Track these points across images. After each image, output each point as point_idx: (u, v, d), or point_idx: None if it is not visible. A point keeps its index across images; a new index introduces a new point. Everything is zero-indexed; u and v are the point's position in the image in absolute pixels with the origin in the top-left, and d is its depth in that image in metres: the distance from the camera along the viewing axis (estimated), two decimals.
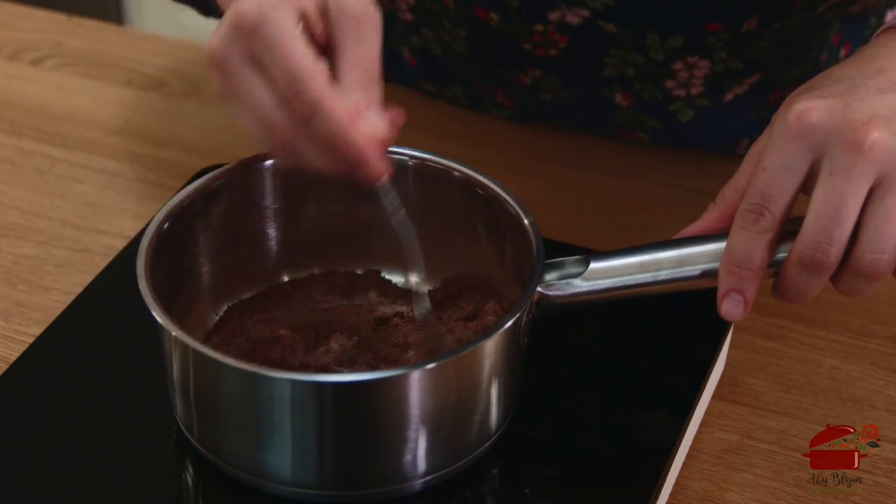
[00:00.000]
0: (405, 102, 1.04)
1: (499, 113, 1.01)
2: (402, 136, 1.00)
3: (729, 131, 0.98)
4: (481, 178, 0.74)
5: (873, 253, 0.65)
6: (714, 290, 0.79)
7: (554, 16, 0.88)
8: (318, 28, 0.66)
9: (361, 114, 0.65)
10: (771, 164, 0.65)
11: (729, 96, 0.93)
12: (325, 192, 0.77)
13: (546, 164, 0.98)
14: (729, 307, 0.67)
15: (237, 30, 0.65)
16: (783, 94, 0.93)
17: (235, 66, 0.65)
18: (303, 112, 0.64)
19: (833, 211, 0.64)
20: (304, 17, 0.65)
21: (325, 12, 0.66)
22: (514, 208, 0.72)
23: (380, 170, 0.66)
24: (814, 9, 0.89)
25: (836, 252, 0.65)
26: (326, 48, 0.66)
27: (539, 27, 0.89)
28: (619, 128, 0.98)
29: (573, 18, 0.88)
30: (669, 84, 0.92)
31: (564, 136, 1.01)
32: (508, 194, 0.73)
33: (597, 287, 0.70)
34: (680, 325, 0.80)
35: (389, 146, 0.67)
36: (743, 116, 0.96)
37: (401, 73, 1.02)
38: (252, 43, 0.64)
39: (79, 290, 0.82)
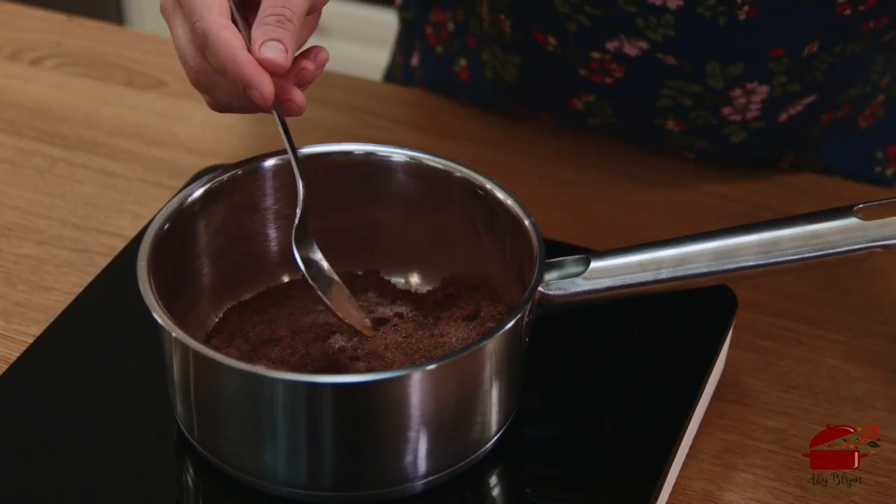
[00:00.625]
0: (408, 102, 1.05)
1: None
2: (403, 136, 1.01)
3: (776, 148, 0.97)
4: (481, 179, 0.74)
5: None
6: (714, 290, 0.79)
7: (612, 45, 0.88)
8: None
9: (257, 43, 0.68)
10: None
11: (783, 117, 0.93)
12: (326, 192, 0.77)
13: (546, 164, 0.98)
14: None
15: None
16: (836, 114, 0.93)
17: (168, 10, 0.71)
18: (198, 43, 0.68)
19: None
20: None
21: None
22: (514, 209, 0.72)
23: (267, 91, 0.68)
24: (880, 37, 0.89)
25: None
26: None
27: (596, 55, 0.89)
28: (666, 148, 0.97)
29: (631, 50, 0.87)
30: (726, 111, 0.91)
31: (565, 137, 1.01)
32: (509, 195, 0.73)
33: (597, 287, 0.70)
34: (680, 325, 0.80)
35: (304, 81, 0.71)
36: (793, 135, 0.95)
37: (450, 83, 1.03)
38: None
39: (79, 290, 0.82)
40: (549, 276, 0.70)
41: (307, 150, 0.76)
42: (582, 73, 0.91)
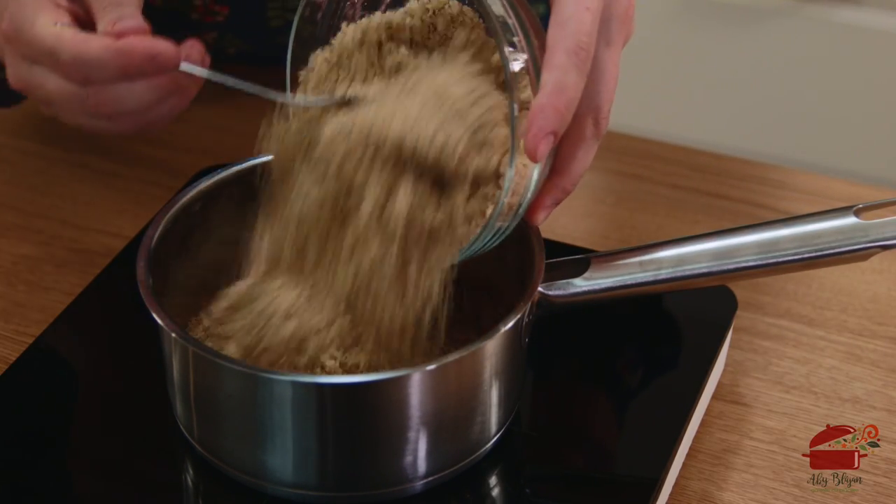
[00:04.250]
0: None
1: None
2: None
3: None
4: None
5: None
6: (714, 290, 0.79)
7: None
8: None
9: (116, 25, 0.70)
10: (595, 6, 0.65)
11: None
12: None
13: None
14: (545, 147, 0.64)
15: (8, 45, 0.73)
16: None
17: (25, 76, 0.73)
18: (75, 72, 0.70)
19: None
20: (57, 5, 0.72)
21: None
22: None
23: (170, 46, 0.70)
24: None
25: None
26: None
27: (198, 1, 0.93)
28: None
29: None
30: None
31: None
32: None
33: (597, 287, 0.70)
34: (680, 325, 0.80)
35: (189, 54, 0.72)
36: None
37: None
38: (21, 49, 0.71)
39: (79, 290, 0.82)
40: (549, 277, 0.70)
41: None
42: (194, 17, 0.95)
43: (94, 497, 0.69)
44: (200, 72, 0.71)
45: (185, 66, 0.71)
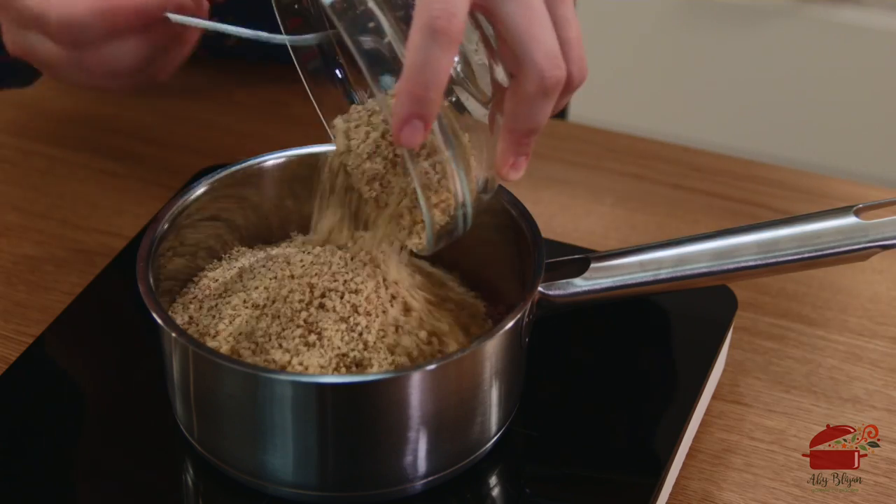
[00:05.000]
0: None
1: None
2: None
3: None
4: None
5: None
6: (714, 290, 0.79)
7: None
8: None
9: None
10: None
11: None
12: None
13: (546, 164, 0.98)
14: (409, 135, 0.60)
15: (1, 12, 0.73)
16: None
17: (21, 42, 0.73)
18: (64, 35, 0.70)
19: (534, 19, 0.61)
20: None
21: None
22: (514, 209, 0.72)
23: (152, 5, 0.69)
24: None
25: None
26: None
27: None
28: None
29: None
30: None
31: (564, 137, 1.01)
32: (508, 195, 0.73)
33: (597, 287, 0.70)
34: (680, 325, 0.80)
35: None
36: None
37: None
38: (11, 15, 0.72)
39: (79, 290, 0.82)
40: (549, 277, 0.70)
41: (307, 150, 0.76)
42: None
43: (95, 497, 0.69)
44: (191, 21, 0.70)
45: (173, 18, 0.69)
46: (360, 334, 0.67)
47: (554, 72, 0.62)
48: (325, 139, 0.74)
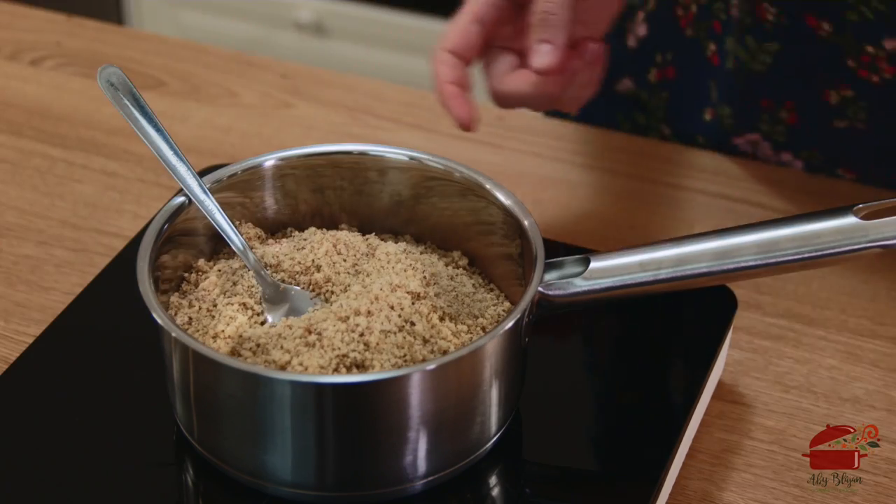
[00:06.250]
0: (408, 102, 1.05)
1: (771, 129, 0.97)
2: (403, 136, 1.01)
3: None
4: (481, 179, 0.74)
5: None
6: (714, 290, 0.79)
7: (891, 44, 0.85)
8: None
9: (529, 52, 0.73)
10: None
11: None
12: (323, 192, 0.77)
13: (546, 164, 0.98)
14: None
15: None
16: None
17: None
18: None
19: None
20: None
21: None
22: (514, 209, 0.72)
23: (462, 116, 0.74)
24: None
25: None
26: None
27: (870, 49, 0.86)
28: None
29: None
30: None
31: (564, 137, 1.01)
32: (509, 195, 0.73)
33: (597, 287, 0.70)
34: (680, 325, 0.80)
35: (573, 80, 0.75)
36: None
37: (700, 68, 0.99)
38: None
39: (79, 290, 0.82)
40: (549, 277, 0.70)
41: (306, 150, 0.76)
42: (850, 65, 0.88)
43: (95, 497, 0.69)
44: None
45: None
46: (361, 335, 0.67)
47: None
48: (325, 139, 0.74)
